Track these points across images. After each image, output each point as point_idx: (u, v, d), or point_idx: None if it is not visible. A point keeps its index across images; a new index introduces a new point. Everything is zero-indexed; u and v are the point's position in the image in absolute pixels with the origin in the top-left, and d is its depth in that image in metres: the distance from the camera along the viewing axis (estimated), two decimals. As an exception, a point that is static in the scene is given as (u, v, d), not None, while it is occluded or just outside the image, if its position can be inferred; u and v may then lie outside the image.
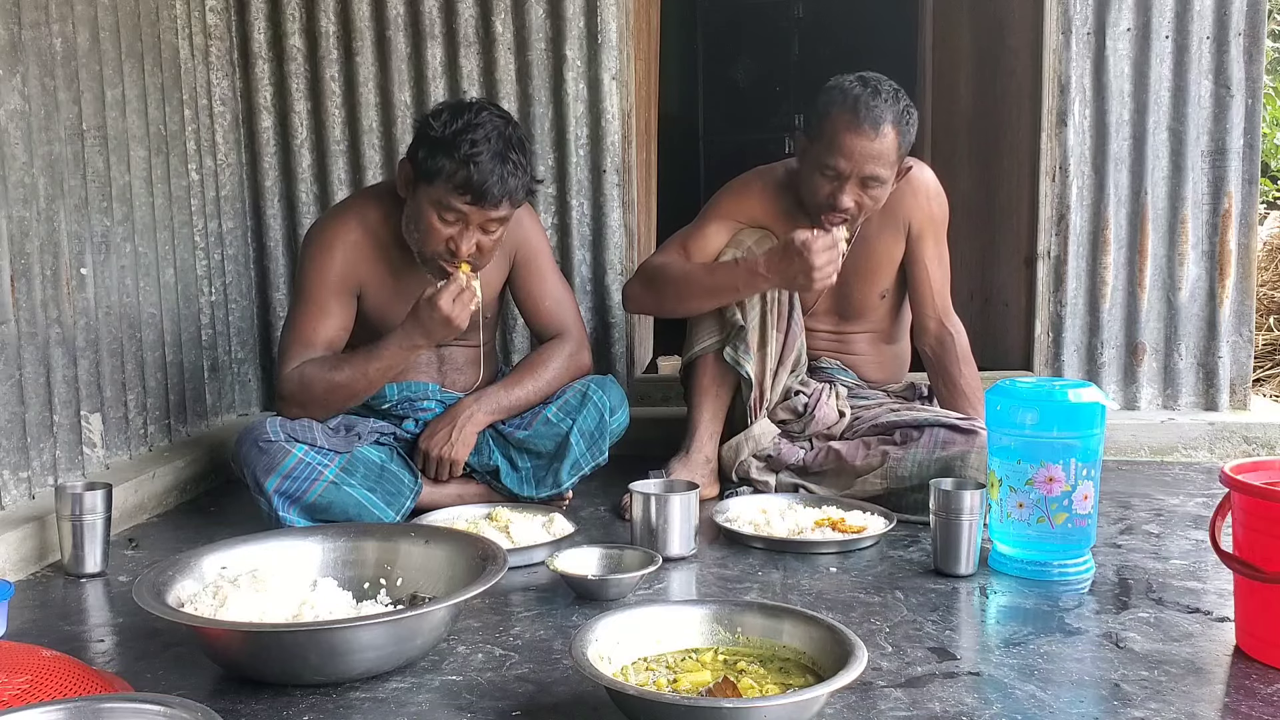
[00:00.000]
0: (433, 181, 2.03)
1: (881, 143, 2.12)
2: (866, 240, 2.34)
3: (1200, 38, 2.73)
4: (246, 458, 2.06)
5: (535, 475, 2.26)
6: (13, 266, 2.06)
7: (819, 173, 2.18)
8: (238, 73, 2.95)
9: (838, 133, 2.13)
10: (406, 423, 2.26)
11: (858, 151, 2.12)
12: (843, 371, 2.45)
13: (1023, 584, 1.79)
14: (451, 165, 2.00)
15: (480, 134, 2.01)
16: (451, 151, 2.00)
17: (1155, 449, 2.74)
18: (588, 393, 2.26)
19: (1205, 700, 1.34)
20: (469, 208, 2.03)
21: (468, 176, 1.99)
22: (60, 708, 1.10)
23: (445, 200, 2.03)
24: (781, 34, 5.80)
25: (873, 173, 2.14)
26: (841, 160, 2.13)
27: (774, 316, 2.28)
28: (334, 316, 2.18)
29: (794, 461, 2.30)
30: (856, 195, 2.16)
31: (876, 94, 2.13)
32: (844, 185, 2.15)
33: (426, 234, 2.07)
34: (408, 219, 2.12)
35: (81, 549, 1.92)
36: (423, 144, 2.06)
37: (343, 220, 2.20)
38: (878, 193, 2.19)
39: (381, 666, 1.42)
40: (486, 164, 1.99)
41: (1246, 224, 2.79)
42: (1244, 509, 1.45)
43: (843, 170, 2.14)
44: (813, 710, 1.24)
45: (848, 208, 2.16)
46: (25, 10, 2.09)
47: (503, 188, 2.02)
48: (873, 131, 2.11)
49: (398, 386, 2.26)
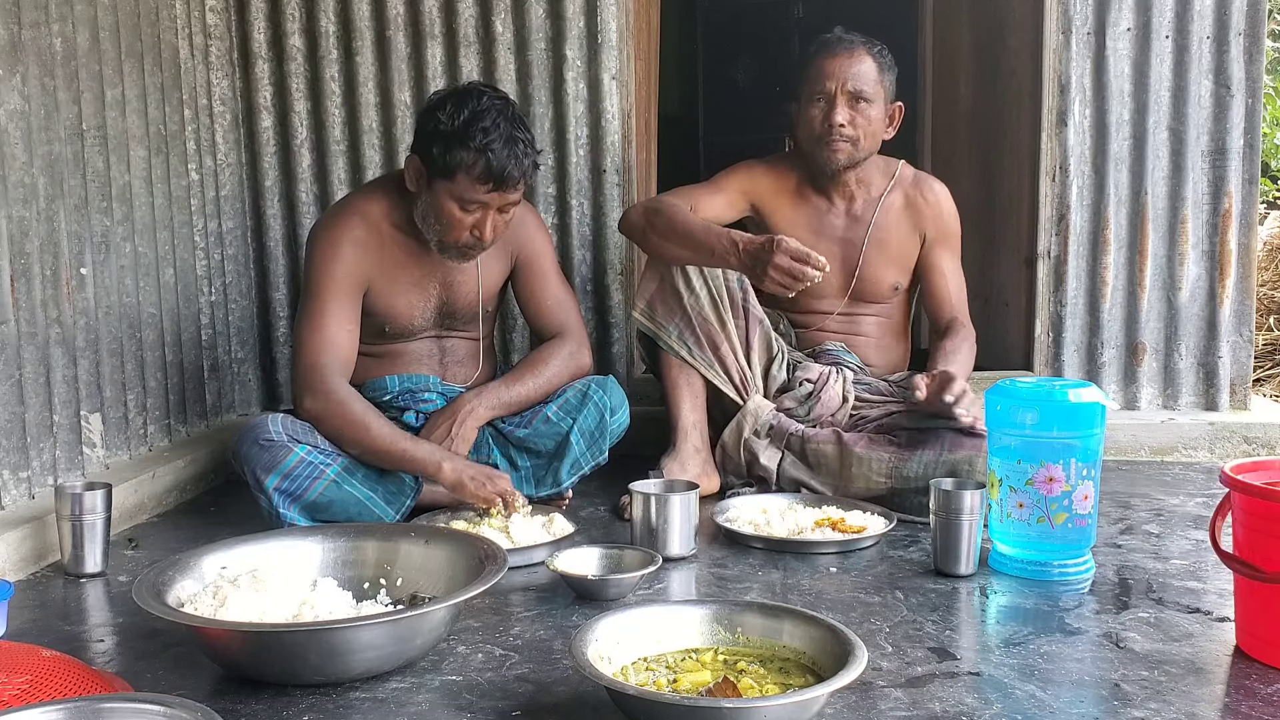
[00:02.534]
0: (452, 176, 2.05)
1: (858, 61, 2.33)
2: (885, 229, 2.45)
3: (1200, 37, 2.73)
4: (247, 456, 2.06)
5: (535, 474, 2.26)
6: (13, 266, 2.06)
7: (809, 105, 2.36)
8: (238, 72, 2.95)
9: (818, 63, 2.35)
10: (407, 414, 2.26)
11: (839, 69, 2.32)
12: (847, 353, 2.47)
13: (1023, 584, 1.79)
14: (470, 157, 2.02)
15: (489, 120, 2.03)
16: (466, 143, 2.02)
17: (1155, 449, 2.74)
18: (588, 392, 2.27)
19: (1205, 700, 1.34)
20: (490, 195, 2.06)
21: (487, 165, 2.02)
22: (60, 708, 1.10)
23: (467, 194, 2.05)
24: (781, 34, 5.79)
25: (856, 88, 2.32)
26: (826, 80, 2.33)
27: (724, 306, 2.34)
28: (348, 311, 2.17)
29: (795, 431, 2.30)
30: (849, 114, 2.32)
31: (846, 32, 2.38)
32: (834, 104, 2.32)
33: (449, 227, 2.10)
34: (424, 214, 2.13)
35: (81, 549, 1.92)
36: (434, 140, 2.06)
37: (346, 217, 2.20)
38: (870, 113, 2.34)
39: (381, 666, 1.42)
40: (501, 150, 2.02)
41: (1246, 224, 2.79)
42: (1244, 509, 1.45)
43: (828, 89, 2.32)
44: (813, 710, 1.24)
45: (841, 123, 2.31)
46: (25, 10, 2.09)
47: (520, 169, 2.06)
48: (846, 52, 2.33)
49: (399, 378, 2.27)
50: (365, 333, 2.22)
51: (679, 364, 2.35)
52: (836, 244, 2.44)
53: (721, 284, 2.35)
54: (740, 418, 2.34)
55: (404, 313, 2.24)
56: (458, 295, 2.29)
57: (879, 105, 2.35)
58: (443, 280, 2.26)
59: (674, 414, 2.36)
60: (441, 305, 2.28)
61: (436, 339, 2.32)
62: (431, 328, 2.30)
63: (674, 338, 2.34)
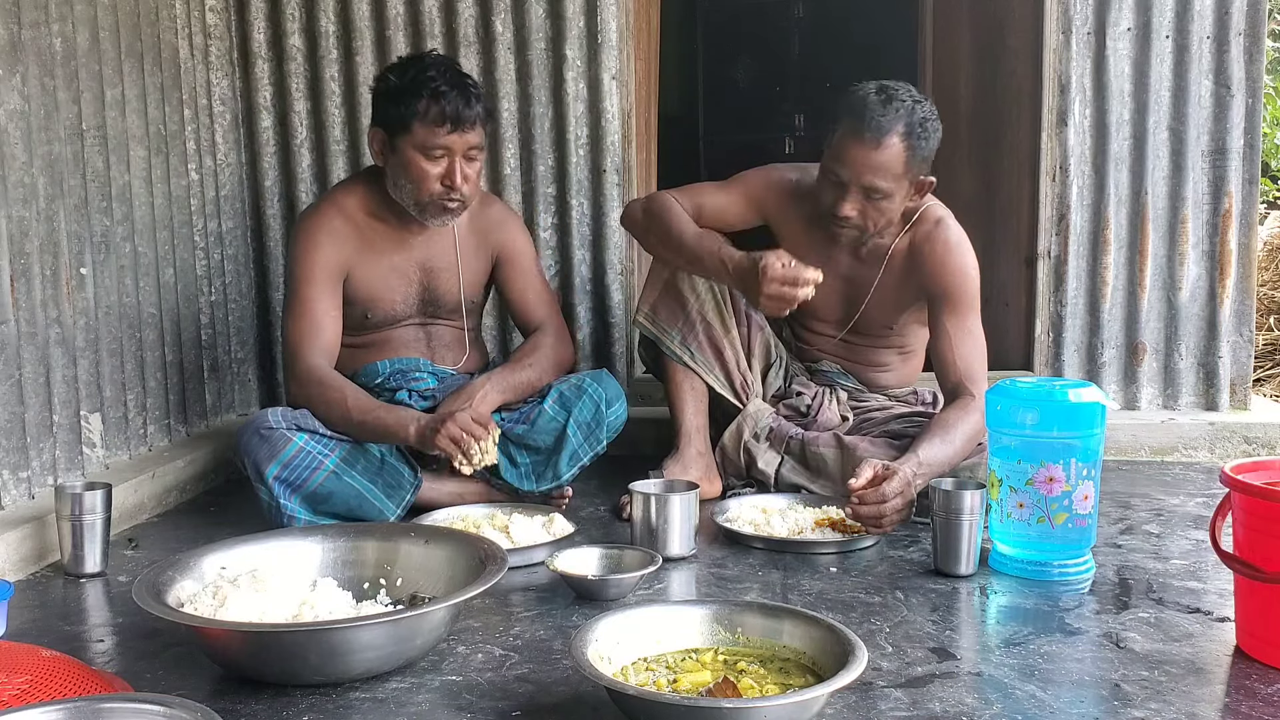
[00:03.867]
0: (410, 128, 2.14)
1: (883, 154, 2.07)
2: (892, 274, 2.30)
3: (1200, 37, 2.73)
4: (247, 446, 2.08)
5: (535, 470, 2.28)
6: (12, 266, 2.06)
7: (826, 178, 2.16)
8: (237, 72, 2.95)
9: (842, 140, 2.11)
10: (399, 394, 2.29)
11: (858, 160, 2.08)
12: (843, 376, 2.44)
13: (1023, 584, 1.79)
14: (423, 104, 2.12)
15: (435, 71, 2.15)
16: (418, 90, 2.12)
17: (1155, 449, 2.74)
18: (584, 385, 2.30)
19: (1205, 700, 1.34)
20: (451, 137, 2.14)
21: (441, 108, 2.11)
22: (60, 708, 1.10)
23: (428, 140, 2.13)
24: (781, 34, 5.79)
25: (871, 184, 2.09)
26: (843, 168, 2.11)
27: (728, 310, 2.33)
28: (328, 299, 2.24)
29: (794, 435, 2.30)
30: (858, 205, 2.13)
31: (887, 102, 2.07)
32: (846, 193, 2.12)
33: (420, 180, 2.17)
34: (394, 177, 2.21)
35: (81, 549, 1.92)
36: (387, 100, 2.18)
37: (323, 211, 2.29)
38: (884, 205, 2.14)
39: (381, 666, 1.42)
40: (450, 92, 2.12)
41: (1247, 224, 2.79)
42: (1244, 509, 1.45)
43: (844, 178, 2.11)
44: (813, 710, 1.24)
45: (847, 216, 2.13)
46: (25, 10, 2.09)
47: (473, 108, 2.15)
48: (874, 141, 2.06)
49: (389, 362, 2.33)
50: (352, 322, 2.29)
51: (682, 368, 2.34)
52: (841, 281, 2.33)
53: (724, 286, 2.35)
54: (740, 420, 2.34)
55: (386, 296, 2.30)
56: (439, 282, 2.34)
57: (899, 194, 2.14)
58: (423, 265, 2.33)
59: (677, 417, 2.35)
60: (424, 292, 2.34)
61: (422, 325, 2.38)
62: (416, 314, 2.36)
63: (677, 343, 2.33)
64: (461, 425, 2.02)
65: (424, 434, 2.04)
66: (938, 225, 2.25)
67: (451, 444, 2.01)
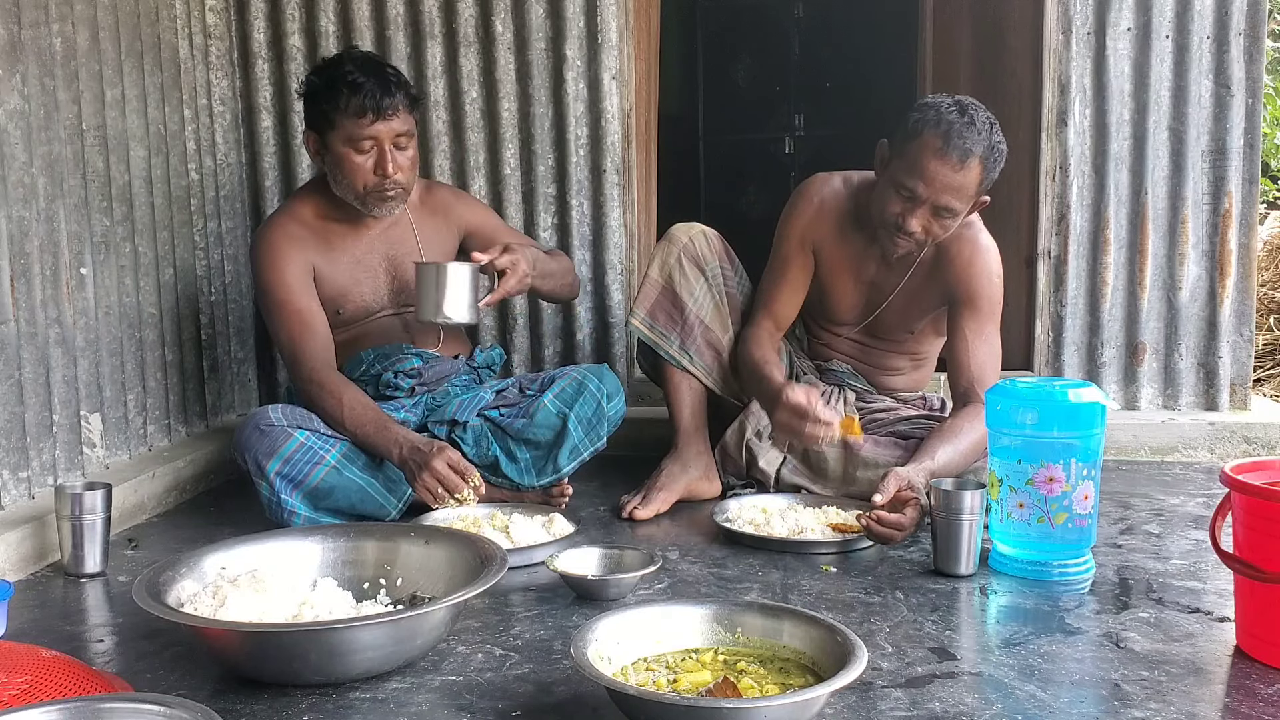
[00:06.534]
0: (335, 124, 2.17)
1: (964, 175, 2.04)
2: (916, 280, 2.29)
3: (1200, 37, 2.73)
4: (247, 442, 2.08)
5: (535, 465, 2.28)
6: (12, 266, 2.06)
7: (894, 189, 2.10)
8: (237, 72, 2.95)
9: (922, 155, 2.04)
10: (385, 375, 2.31)
11: (939, 179, 2.04)
12: (853, 377, 2.43)
13: (1023, 584, 1.79)
14: (343, 98, 2.15)
15: (352, 64, 2.18)
16: (337, 86, 2.16)
17: (1155, 449, 2.74)
18: (584, 381, 2.30)
19: (1205, 700, 1.34)
20: (376, 126, 2.16)
21: (361, 99, 2.14)
22: (60, 708, 1.10)
23: (354, 133, 2.16)
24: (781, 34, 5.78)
25: (947, 204, 2.06)
26: (921, 184, 2.05)
27: (726, 309, 2.35)
28: (313, 298, 2.27)
29: None
30: (925, 221, 2.09)
31: (971, 125, 2.04)
32: (916, 209, 2.08)
33: (354, 174, 2.20)
34: (333, 175, 2.25)
35: (81, 549, 1.92)
36: (312, 102, 2.21)
37: (277, 221, 2.32)
38: (948, 222, 2.11)
39: (381, 666, 1.42)
40: (369, 82, 2.15)
41: (1247, 224, 2.79)
42: (1244, 509, 1.45)
43: (920, 194, 2.06)
44: (813, 710, 1.23)
45: (914, 232, 2.10)
46: (25, 10, 2.09)
47: (391, 95, 2.17)
48: (959, 163, 2.03)
49: (371, 351, 2.34)
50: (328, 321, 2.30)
51: (680, 370, 2.34)
52: (866, 285, 2.34)
53: (722, 287, 2.35)
54: (743, 419, 2.34)
55: (354, 291, 2.32)
56: (406, 271, 2.35)
57: (964, 214, 2.13)
58: (387, 256, 2.35)
59: (676, 418, 2.35)
60: (393, 282, 2.37)
61: (397, 314, 2.39)
62: (390, 305, 2.38)
63: (675, 348, 2.32)
64: (439, 476, 2.02)
65: (405, 466, 2.07)
66: (968, 229, 2.23)
67: (428, 494, 2.03)
